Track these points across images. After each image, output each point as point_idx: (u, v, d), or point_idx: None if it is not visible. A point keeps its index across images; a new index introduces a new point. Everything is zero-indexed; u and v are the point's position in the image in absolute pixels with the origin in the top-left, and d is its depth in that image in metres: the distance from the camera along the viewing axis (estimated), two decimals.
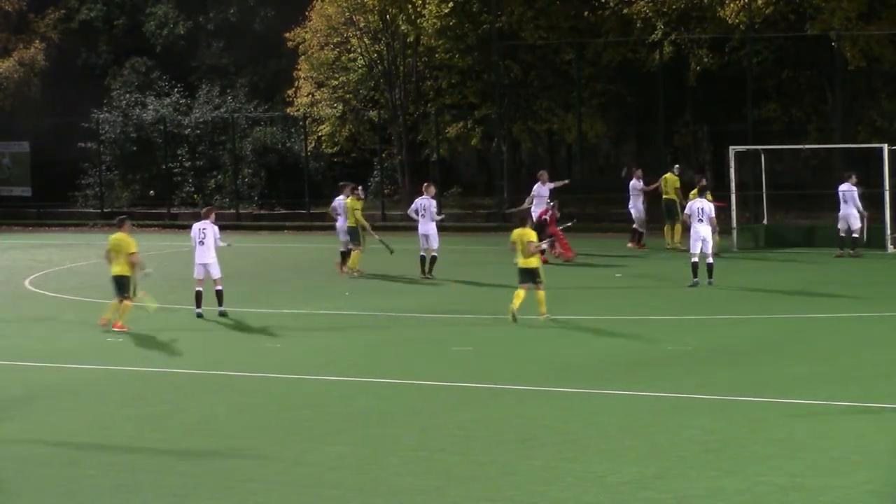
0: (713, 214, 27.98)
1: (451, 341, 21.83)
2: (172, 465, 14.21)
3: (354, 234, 31.39)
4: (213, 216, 25.89)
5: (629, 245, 35.56)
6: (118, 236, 24.34)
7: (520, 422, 15.74)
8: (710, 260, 27.71)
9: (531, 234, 23.95)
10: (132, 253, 24.04)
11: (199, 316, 24.94)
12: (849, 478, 12.85)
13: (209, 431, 15.84)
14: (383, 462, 14.04)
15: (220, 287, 25.21)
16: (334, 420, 16.15)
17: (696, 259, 27.59)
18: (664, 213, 35.64)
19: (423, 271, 30.38)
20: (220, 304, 25.13)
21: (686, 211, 28.45)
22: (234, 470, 13.96)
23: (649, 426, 15.21)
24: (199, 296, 25.10)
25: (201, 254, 25.22)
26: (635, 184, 36.32)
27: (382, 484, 13.20)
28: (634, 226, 36.04)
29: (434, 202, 31.33)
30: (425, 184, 32.26)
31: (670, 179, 35.73)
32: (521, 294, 23.55)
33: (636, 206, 36.03)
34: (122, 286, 24.06)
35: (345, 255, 31.98)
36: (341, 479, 13.48)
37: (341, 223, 32.19)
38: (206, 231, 25.32)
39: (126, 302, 24.04)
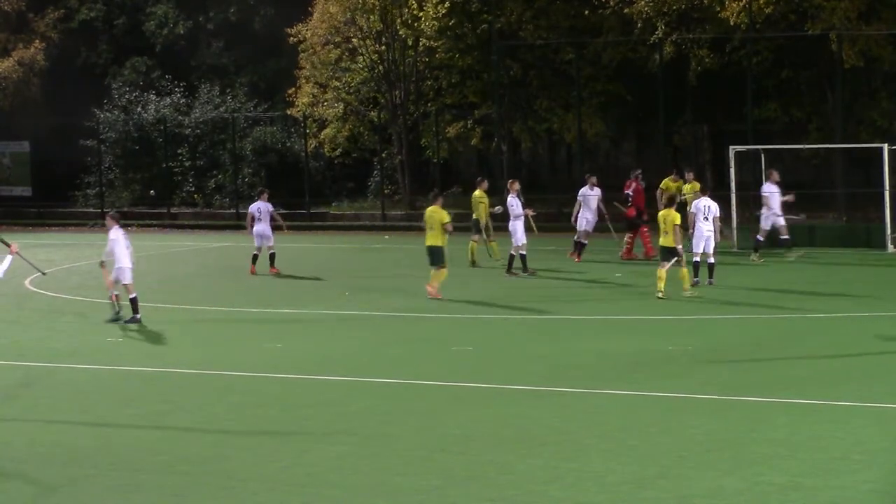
0: (718, 214, 28.04)
1: (451, 341, 21.84)
2: (172, 465, 14.20)
3: (476, 225, 32.18)
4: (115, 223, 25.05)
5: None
6: (432, 209, 27.20)
7: (520, 422, 15.75)
8: (712, 260, 27.74)
9: (676, 217, 25.95)
10: (446, 223, 26.78)
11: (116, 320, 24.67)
12: (849, 478, 12.86)
13: (209, 431, 15.85)
14: (383, 462, 14.05)
15: (132, 294, 24.59)
16: (334, 420, 16.15)
17: (697, 258, 27.63)
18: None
19: (508, 269, 30.58)
20: (129, 311, 24.66)
21: (692, 209, 28.42)
22: (234, 470, 13.96)
23: (649, 426, 15.22)
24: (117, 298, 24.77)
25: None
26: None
27: (382, 484, 13.20)
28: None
29: (517, 199, 30.94)
30: (510, 181, 32.01)
31: (671, 185, 35.43)
32: (662, 274, 25.69)
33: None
34: (435, 255, 26.77)
35: (255, 258, 32.64)
36: (341, 479, 13.48)
37: (259, 227, 32.55)
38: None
39: (442, 269, 26.71)
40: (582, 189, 33.92)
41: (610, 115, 47.39)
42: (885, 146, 34.21)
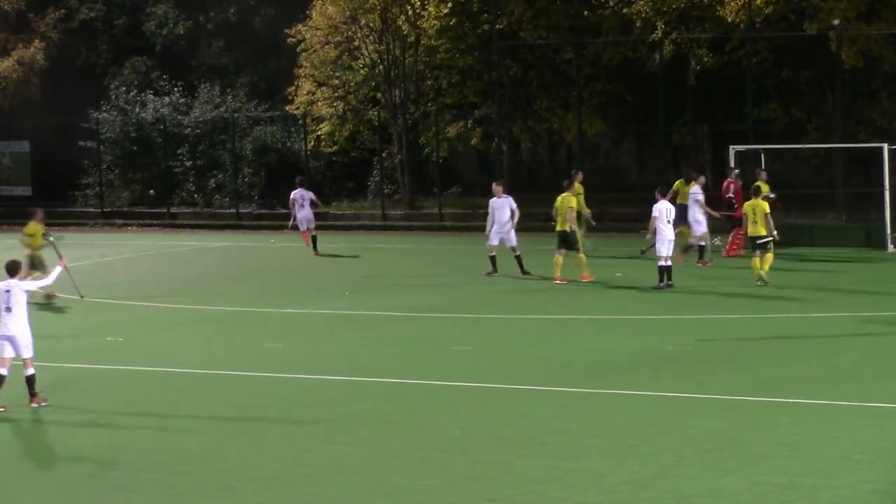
0: (675, 216, 27.98)
1: (451, 341, 21.84)
2: (172, 465, 14.22)
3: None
4: (21, 272, 18.26)
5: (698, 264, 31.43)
6: (562, 196, 28.34)
7: (520, 422, 15.76)
8: (669, 262, 27.42)
9: (765, 206, 27.38)
10: (571, 208, 28.14)
11: None
12: (849, 478, 12.87)
13: (209, 431, 15.86)
14: (383, 462, 14.06)
15: (31, 370, 17.51)
16: (334, 420, 16.16)
17: (662, 262, 27.28)
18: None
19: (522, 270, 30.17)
20: (31, 391, 17.49)
21: (654, 213, 27.71)
22: (234, 470, 13.97)
23: (649, 426, 15.22)
24: (1, 380, 17.34)
25: (9, 324, 17.42)
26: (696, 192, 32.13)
27: (382, 484, 13.21)
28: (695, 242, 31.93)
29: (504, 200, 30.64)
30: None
31: (683, 187, 35.18)
32: (763, 260, 27.12)
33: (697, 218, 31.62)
34: (566, 241, 28.10)
35: (315, 239, 36.71)
36: (341, 479, 13.49)
37: (305, 212, 36.93)
38: (10, 293, 17.50)
39: (581, 255, 28.20)
40: (692, 189, 32.12)
41: (610, 115, 47.36)
42: (885, 146, 34.19)
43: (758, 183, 31.99)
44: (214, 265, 36.27)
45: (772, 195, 32.42)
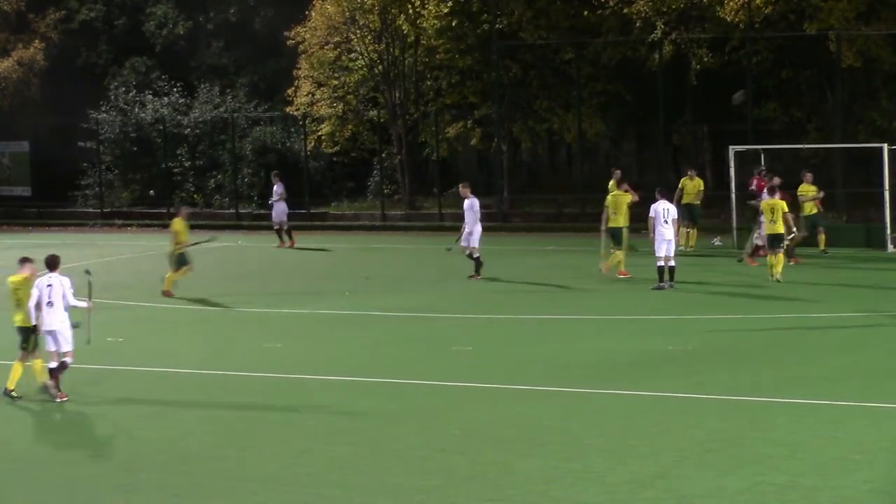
0: (676, 216, 27.87)
1: (451, 341, 21.84)
2: (172, 465, 14.22)
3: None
4: (60, 266, 18.65)
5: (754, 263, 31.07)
6: (615, 192, 29.31)
7: (520, 422, 15.76)
8: (672, 263, 27.40)
9: (783, 205, 27.95)
10: (630, 202, 29.01)
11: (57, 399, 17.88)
12: (849, 478, 12.87)
13: (209, 431, 15.86)
14: (383, 462, 14.06)
15: (69, 360, 18.08)
16: (334, 420, 16.17)
17: (662, 262, 27.24)
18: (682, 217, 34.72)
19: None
20: (55, 374, 17.97)
21: (651, 213, 27.69)
22: (234, 470, 13.97)
23: (649, 426, 15.23)
24: (51, 373, 18.03)
25: (49, 317, 18.00)
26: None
27: (382, 484, 13.22)
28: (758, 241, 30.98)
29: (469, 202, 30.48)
30: (460, 186, 31.55)
31: (688, 184, 35.15)
32: (772, 260, 27.62)
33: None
34: (617, 237, 28.77)
35: (288, 233, 39.18)
36: (341, 479, 13.50)
37: (282, 205, 39.96)
38: (52, 287, 18.18)
39: (619, 252, 28.66)
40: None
41: (610, 115, 47.33)
42: (885, 146, 34.17)
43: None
44: (214, 265, 36.24)
45: (821, 194, 32.74)
